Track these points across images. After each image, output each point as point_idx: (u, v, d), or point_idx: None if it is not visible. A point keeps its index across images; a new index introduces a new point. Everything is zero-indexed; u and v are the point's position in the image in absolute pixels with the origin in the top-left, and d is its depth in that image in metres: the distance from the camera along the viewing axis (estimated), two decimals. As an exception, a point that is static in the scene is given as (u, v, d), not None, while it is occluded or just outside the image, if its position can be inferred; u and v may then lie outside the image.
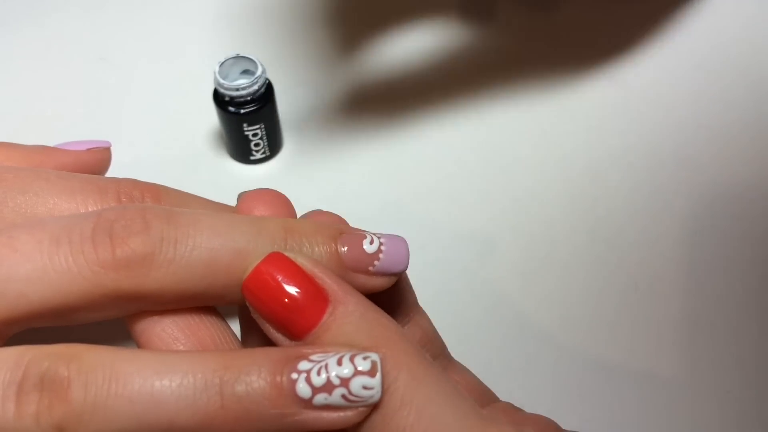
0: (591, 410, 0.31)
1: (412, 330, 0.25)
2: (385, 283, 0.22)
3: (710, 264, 0.35)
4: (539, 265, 0.35)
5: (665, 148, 0.39)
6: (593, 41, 0.43)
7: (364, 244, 0.22)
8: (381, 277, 0.22)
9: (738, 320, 0.33)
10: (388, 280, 0.22)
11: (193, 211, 0.21)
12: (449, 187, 0.38)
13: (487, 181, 0.38)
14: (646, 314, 0.34)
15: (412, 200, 0.37)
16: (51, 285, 0.20)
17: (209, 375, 0.18)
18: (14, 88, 0.41)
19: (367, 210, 0.37)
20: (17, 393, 0.18)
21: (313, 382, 0.18)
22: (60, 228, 0.20)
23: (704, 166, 0.38)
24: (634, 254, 0.35)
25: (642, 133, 0.39)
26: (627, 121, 0.40)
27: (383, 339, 0.20)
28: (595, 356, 0.32)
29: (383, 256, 0.22)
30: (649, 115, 0.40)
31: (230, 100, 0.35)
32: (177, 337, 0.21)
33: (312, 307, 0.20)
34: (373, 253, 0.22)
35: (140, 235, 0.20)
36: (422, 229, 0.36)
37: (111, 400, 0.18)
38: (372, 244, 0.22)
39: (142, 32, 0.44)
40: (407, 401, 0.19)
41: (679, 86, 0.41)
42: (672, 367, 0.32)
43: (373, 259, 0.22)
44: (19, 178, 0.23)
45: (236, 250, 0.21)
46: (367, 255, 0.22)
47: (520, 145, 0.39)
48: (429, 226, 0.36)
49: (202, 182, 0.38)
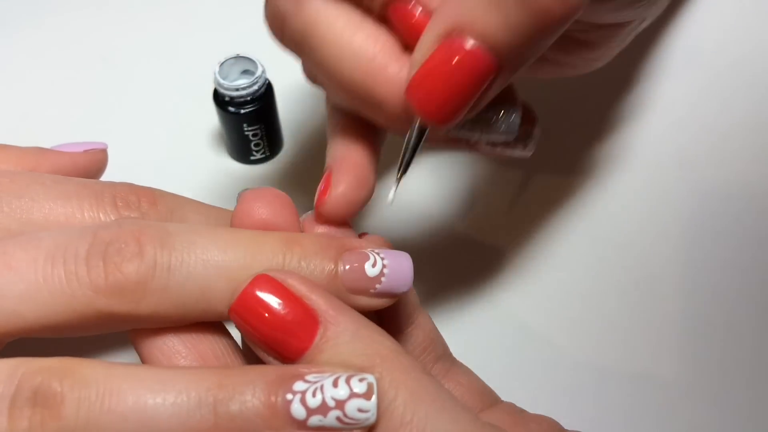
0: (591, 410, 0.31)
1: (415, 333, 0.24)
2: (386, 304, 0.22)
3: (710, 264, 0.35)
4: (539, 265, 0.35)
5: (665, 148, 0.39)
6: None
7: (366, 267, 0.21)
8: (381, 299, 0.22)
9: (738, 320, 0.33)
10: (388, 300, 0.22)
11: (189, 229, 0.21)
12: (449, 187, 0.38)
13: (487, 181, 0.38)
14: (646, 314, 0.33)
15: (411, 200, 0.37)
16: (45, 305, 0.20)
17: (203, 393, 0.18)
18: (14, 88, 0.41)
19: (367, 210, 0.37)
20: (9, 407, 0.18)
21: (308, 404, 0.18)
22: (55, 246, 0.20)
23: (704, 166, 0.38)
24: (634, 254, 0.35)
25: (642, 133, 0.39)
26: (627, 121, 0.40)
27: (378, 357, 0.19)
28: (595, 356, 0.32)
29: (385, 279, 0.21)
30: (650, 114, 0.40)
31: (230, 100, 0.35)
32: (178, 351, 0.21)
33: (302, 329, 0.20)
34: (375, 277, 0.21)
35: (134, 261, 0.20)
36: (422, 228, 0.36)
37: (104, 416, 0.18)
38: (374, 267, 0.21)
39: (142, 32, 0.44)
40: (407, 420, 0.19)
41: (680, 86, 0.41)
42: (672, 367, 0.32)
43: (375, 283, 0.21)
44: (14, 182, 0.23)
45: (231, 278, 0.20)
46: (368, 278, 0.21)
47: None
48: (429, 226, 0.36)
49: (202, 182, 0.38)
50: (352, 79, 0.21)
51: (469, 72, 0.19)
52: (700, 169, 0.38)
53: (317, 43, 0.21)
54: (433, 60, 0.19)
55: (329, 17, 0.21)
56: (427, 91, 0.20)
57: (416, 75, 0.20)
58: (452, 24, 0.18)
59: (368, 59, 0.21)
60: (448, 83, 0.19)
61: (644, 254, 0.35)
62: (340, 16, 0.21)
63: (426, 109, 0.20)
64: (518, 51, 0.19)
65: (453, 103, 0.19)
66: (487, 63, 0.19)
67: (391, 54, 0.21)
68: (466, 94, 0.19)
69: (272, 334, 0.20)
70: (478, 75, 0.19)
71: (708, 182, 0.37)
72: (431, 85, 0.19)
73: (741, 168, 0.38)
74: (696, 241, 0.36)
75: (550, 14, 0.17)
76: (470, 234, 0.36)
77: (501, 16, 0.18)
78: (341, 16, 0.21)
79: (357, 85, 0.21)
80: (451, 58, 0.19)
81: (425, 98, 0.20)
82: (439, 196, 0.37)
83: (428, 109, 0.20)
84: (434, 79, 0.19)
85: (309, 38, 0.22)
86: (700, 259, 0.35)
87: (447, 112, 0.20)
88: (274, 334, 0.20)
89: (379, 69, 0.21)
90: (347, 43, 0.21)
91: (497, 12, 0.18)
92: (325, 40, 0.21)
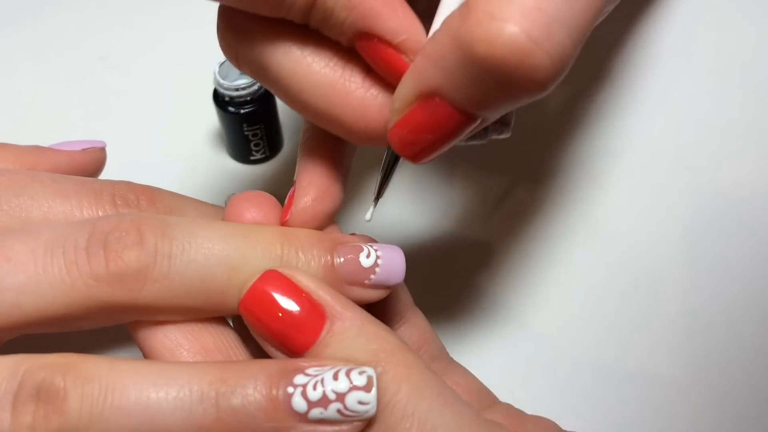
0: (591, 410, 0.31)
1: (409, 331, 0.25)
2: (380, 296, 0.22)
3: (710, 264, 0.35)
4: (539, 265, 0.35)
5: (665, 148, 0.39)
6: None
7: (361, 258, 0.22)
8: (376, 290, 0.22)
9: (738, 320, 0.33)
10: (383, 292, 0.22)
11: (188, 221, 0.21)
12: (449, 186, 0.38)
13: (487, 180, 0.38)
14: (646, 314, 0.33)
15: (411, 200, 0.37)
16: (44, 296, 0.20)
17: (205, 387, 0.18)
18: (14, 88, 0.41)
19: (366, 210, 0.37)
20: (13, 403, 0.18)
21: (308, 397, 0.18)
22: (54, 238, 0.20)
23: (704, 166, 0.38)
24: (634, 254, 0.35)
25: (642, 133, 0.39)
26: (627, 121, 0.40)
27: (382, 352, 0.20)
28: (595, 356, 0.32)
29: (379, 270, 0.22)
30: (650, 115, 0.40)
31: (230, 100, 0.35)
32: (180, 343, 0.21)
33: (309, 324, 0.20)
34: (370, 267, 0.22)
35: (134, 249, 0.20)
36: (421, 228, 0.36)
37: (107, 411, 0.18)
38: (369, 257, 0.22)
39: (142, 32, 0.44)
40: (409, 413, 0.19)
41: (680, 86, 0.41)
42: (672, 367, 0.32)
43: (370, 273, 0.22)
44: (13, 180, 0.23)
45: (231, 266, 0.20)
46: (364, 269, 0.22)
47: (520, 145, 0.39)
48: (428, 226, 0.36)
49: (202, 182, 0.38)
50: (316, 106, 0.21)
51: (445, 125, 0.19)
52: (700, 169, 0.38)
53: (274, 75, 0.21)
54: (412, 115, 0.19)
55: (284, 47, 0.21)
56: (406, 140, 0.20)
57: (396, 125, 0.20)
58: (428, 88, 0.19)
59: (329, 86, 0.21)
60: (428, 135, 0.19)
61: (644, 254, 0.35)
62: (295, 45, 0.21)
63: (405, 153, 0.20)
64: (494, 110, 0.19)
65: (432, 149, 0.20)
66: (463, 118, 0.19)
67: (353, 79, 0.21)
68: (444, 141, 0.20)
69: (280, 328, 0.20)
70: (455, 127, 0.19)
71: (708, 182, 0.37)
72: (410, 135, 0.20)
73: (741, 168, 0.38)
74: (696, 241, 0.35)
75: (519, 89, 0.17)
76: (470, 234, 0.36)
77: (473, 88, 0.18)
78: (295, 44, 0.21)
79: (321, 112, 0.21)
80: (430, 115, 0.19)
81: (404, 144, 0.20)
82: (439, 196, 0.37)
83: (407, 152, 0.20)
84: (413, 130, 0.19)
85: (266, 71, 0.21)
86: (700, 259, 0.35)
87: (426, 155, 0.20)
88: (282, 329, 0.20)
89: (342, 96, 0.21)
90: (305, 72, 0.21)
91: (469, 85, 0.18)
92: (282, 71, 0.21)
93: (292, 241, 0.21)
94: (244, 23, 0.21)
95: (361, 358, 0.20)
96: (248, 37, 0.21)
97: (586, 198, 0.37)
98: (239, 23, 0.21)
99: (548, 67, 0.17)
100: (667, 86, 0.41)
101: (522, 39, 0.16)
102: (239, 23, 0.21)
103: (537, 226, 0.36)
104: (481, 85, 0.17)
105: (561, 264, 0.35)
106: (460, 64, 0.17)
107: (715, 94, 0.41)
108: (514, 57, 0.16)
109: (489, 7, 0.16)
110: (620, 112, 0.40)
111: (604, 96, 0.41)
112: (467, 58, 0.17)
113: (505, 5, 0.16)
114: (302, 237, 0.22)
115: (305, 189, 0.23)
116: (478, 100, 0.18)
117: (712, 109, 0.40)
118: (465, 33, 0.17)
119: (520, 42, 0.16)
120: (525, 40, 0.16)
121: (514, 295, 0.34)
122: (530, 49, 0.16)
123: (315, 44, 0.21)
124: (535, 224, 0.36)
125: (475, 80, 0.17)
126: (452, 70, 0.17)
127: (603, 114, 0.40)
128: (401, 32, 0.20)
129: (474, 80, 0.17)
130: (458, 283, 0.34)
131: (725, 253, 0.35)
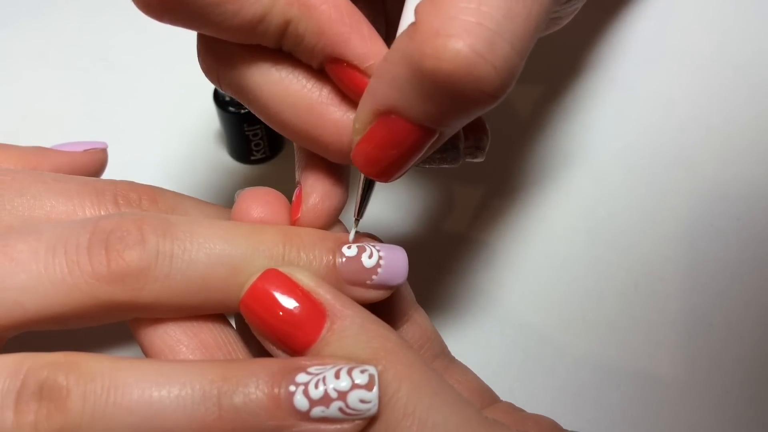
0: (591, 410, 0.31)
1: (411, 329, 0.25)
2: (382, 296, 0.22)
3: (710, 264, 0.35)
4: (539, 265, 0.35)
5: (665, 148, 0.39)
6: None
7: (363, 258, 0.22)
8: (378, 290, 0.22)
9: (738, 320, 0.33)
10: (385, 292, 0.22)
11: (190, 221, 0.21)
12: (449, 186, 0.38)
13: (487, 180, 0.38)
14: (646, 314, 0.34)
15: (411, 199, 0.37)
16: (46, 295, 0.20)
17: (207, 386, 0.19)
18: (14, 88, 0.41)
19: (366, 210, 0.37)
20: (16, 401, 0.18)
21: (310, 395, 0.19)
22: (56, 237, 0.20)
23: (704, 166, 0.38)
24: (634, 254, 0.35)
25: (642, 133, 0.39)
26: (627, 121, 0.40)
27: (383, 350, 0.20)
28: (595, 356, 0.32)
29: (381, 270, 0.22)
30: (649, 115, 0.40)
31: (230, 100, 0.35)
32: (180, 340, 0.21)
33: (310, 322, 0.20)
34: (372, 268, 0.22)
35: (136, 248, 0.20)
36: (421, 228, 0.36)
37: (109, 409, 0.18)
38: (371, 258, 0.22)
39: (142, 32, 0.44)
40: (410, 411, 0.19)
41: (679, 86, 0.41)
42: (671, 367, 0.32)
43: (372, 274, 0.22)
44: (16, 180, 0.23)
45: (233, 266, 0.21)
46: (366, 269, 0.22)
47: (520, 145, 0.39)
48: (428, 225, 0.36)
49: (202, 182, 0.38)
50: (295, 127, 0.22)
51: (405, 141, 0.19)
52: (700, 169, 0.38)
53: (254, 96, 0.22)
54: (372, 134, 0.20)
55: (262, 69, 0.21)
56: (370, 159, 0.20)
57: (359, 144, 0.20)
58: (384, 107, 0.19)
59: (307, 108, 0.21)
60: (389, 152, 0.20)
61: (644, 254, 0.35)
62: (273, 67, 0.21)
63: (370, 172, 0.21)
64: (450, 123, 0.19)
65: (395, 166, 0.20)
66: (421, 132, 0.19)
67: (330, 101, 0.21)
68: (407, 157, 0.20)
69: (281, 327, 0.20)
70: (415, 142, 0.19)
71: (708, 182, 0.38)
72: (373, 154, 0.20)
73: (741, 168, 0.38)
74: (696, 241, 0.36)
75: (470, 101, 0.18)
76: (470, 234, 0.36)
77: (426, 103, 0.18)
78: (274, 66, 0.21)
79: (300, 132, 0.22)
80: (389, 132, 0.19)
81: (369, 163, 0.20)
82: (439, 195, 0.37)
83: (372, 171, 0.21)
84: (375, 148, 0.20)
85: (246, 92, 0.22)
86: (700, 259, 0.35)
87: (390, 172, 0.21)
88: (283, 327, 0.20)
89: (319, 117, 0.21)
90: (284, 94, 0.21)
91: (422, 100, 0.18)
92: (261, 92, 0.21)
93: (294, 241, 0.22)
94: (222, 47, 0.21)
95: (361, 356, 0.20)
96: (227, 60, 0.22)
97: (587, 197, 0.37)
98: (218, 47, 0.22)
99: (494, 78, 0.17)
100: (668, 86, 0.41)
101: (467, 53, 0.17)
102: (218, 47, 0.22)
103: (537, 225, 0.36)
104: (434, 100, 0.18)
105: (561, 264, 0.35)
106: (412, 81, 0.18)
107: (715, 94, 0.41)
108: (461, 71, 0.17)
109: (434, 25, 0.17)
110: (621, 112, 0.40)
111: (605, 96, 0.41)
112: (417, 75, 0.17)
113: (449, 22, 0.17)
114: (304, 237, 0.22)
115: (312, 186, 0.23)
116: (433, 114, 0.18)
117: (712, 109, 0.40)
118: (413, 51, 0.17)
119: (465, 56, 0.17)
120: (470, 53, 0.17)
121: (514, 295, 0.34)
122: (476, 62, 0.17)
123: (292, 66, 0.21)
124: (536, 224, 0.36)
125: (427, 95, 0.18)
126: (405, 87, 0.18)
127: (603, 114, 0.40)
128: (369, 57, 0.20)
129: (426, 95, 0.18)
130: (458, 283, 0.34)
131: (725, 253, 0.35)
